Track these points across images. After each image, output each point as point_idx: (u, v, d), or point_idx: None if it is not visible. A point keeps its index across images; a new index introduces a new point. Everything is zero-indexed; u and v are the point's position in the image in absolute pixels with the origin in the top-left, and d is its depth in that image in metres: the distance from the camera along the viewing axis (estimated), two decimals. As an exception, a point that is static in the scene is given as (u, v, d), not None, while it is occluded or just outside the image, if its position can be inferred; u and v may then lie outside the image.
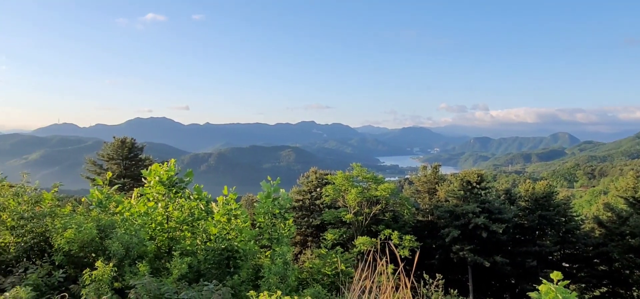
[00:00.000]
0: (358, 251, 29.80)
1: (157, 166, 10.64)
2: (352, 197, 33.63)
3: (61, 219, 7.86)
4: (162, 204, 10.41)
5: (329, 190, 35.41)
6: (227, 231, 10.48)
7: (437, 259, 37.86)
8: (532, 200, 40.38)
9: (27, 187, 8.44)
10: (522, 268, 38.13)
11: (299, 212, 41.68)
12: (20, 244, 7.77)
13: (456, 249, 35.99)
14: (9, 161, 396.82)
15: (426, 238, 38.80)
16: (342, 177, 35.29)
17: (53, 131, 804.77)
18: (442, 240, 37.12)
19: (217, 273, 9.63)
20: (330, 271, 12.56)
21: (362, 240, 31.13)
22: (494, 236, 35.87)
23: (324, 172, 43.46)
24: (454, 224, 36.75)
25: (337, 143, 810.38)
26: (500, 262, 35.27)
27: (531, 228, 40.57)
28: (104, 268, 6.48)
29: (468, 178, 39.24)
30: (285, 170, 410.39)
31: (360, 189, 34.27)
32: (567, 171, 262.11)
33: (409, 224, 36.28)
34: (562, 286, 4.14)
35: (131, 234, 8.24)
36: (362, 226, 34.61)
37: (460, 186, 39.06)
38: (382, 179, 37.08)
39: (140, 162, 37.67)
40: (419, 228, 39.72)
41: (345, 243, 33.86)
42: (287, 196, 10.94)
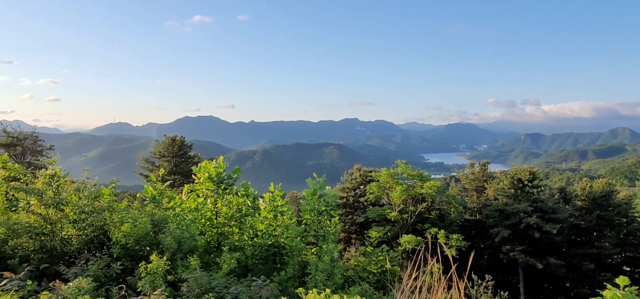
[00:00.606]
0: (403, 250, 29.37)
1: (206, 163, 10.93)
2: (396, 194, 33.18)
3: (118, 213, 8.25)
4: (211, 200, 10.69)
5: (373, 187, 35.12)
6: (273, 227, 10.60)
7: (486, 260, 36.64)
8: (590, 199, 38.18)
9: (87, 183, 8.91)
10: (578, 271, 36.17)
11: (342, 209, 41.62)
12: (82, 237, 8.23)
13: (506, 249, 34.69)
14: (70, 158, 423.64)
15: (474, 238, 37.67)
16: (387, 174, 34.88)
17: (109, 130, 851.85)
18: (491, 240, 35.92)
19: (264, 269, 9.76)
20: (376, 269, 12.42)
21: (407, 238, 30.65)
22: (547, 237, 34.28)
23: (368, 169, 43.14)
24: (503, 223, 35.48)
25: (380, 140, 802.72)
26: (554, 264, 33.67)
27: (588, 229, 38.38)
28: (158, 261, 6.72)
29: (519, 176, 37.66)
30: (328, 167, 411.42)
31: (405, 187, 33.74)
32: (628, 169, 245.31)
33: (455, 223, 35.34)
34: (630, 292, 3.83)
35: (183, 229, 8.51)
36: (407, 224, 34.07)
37: (511, 184, 37.56)
38: (427, 176, 36.30)
39: (189, 159, 39.00)
40: (467, 227, 38.59)
41: (389, 241, 33.46)
42: (333, 193, 10.90)
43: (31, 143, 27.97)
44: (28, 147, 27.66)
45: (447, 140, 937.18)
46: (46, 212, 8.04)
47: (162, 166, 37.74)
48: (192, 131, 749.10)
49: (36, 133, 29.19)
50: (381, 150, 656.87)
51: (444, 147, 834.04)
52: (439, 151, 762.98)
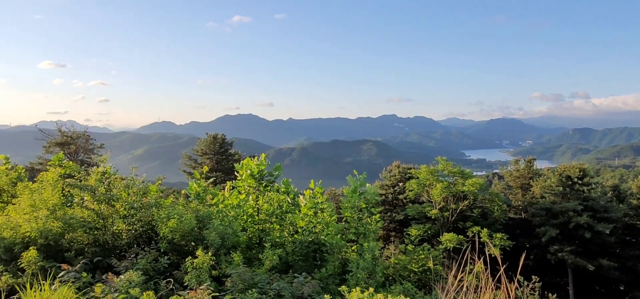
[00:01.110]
0: (444, 248, 28.75)
1: (248, 160, 11.12)
2: (437, 192, 32.51)
3: (165, 209, 8.54)
4: (252, 197, 10.86)
5: (412, 185, 34.58)
6: (313, 224, 10.64)
7: (532, 260, 35.25)
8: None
9: (136, 180, 9.28)
10: (633, 273, 34.13)
11: (381, 206, 41.25)
12: (131, 232, 8.59)
13: (554, 249, 33.22)
14: (119, 156, 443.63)
15: (519, 237, 36.29)
16: (427, 171, 34.23)
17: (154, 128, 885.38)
18: (538, 240, 34.52)
19: (304, 265, 9.82)
20: (418, 268, 12.21)
21: (448, 237, 29.99)
22: (598, 237, 32.54)
23: (407, 166, 42.52)
24: (551, 222, 33.99)
25: (419, 136, 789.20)
26: (607, 266, 31.93)
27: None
28: (204, 256, 6.90)
29: (568, 173, 35.95)
30: (366, 164, 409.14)
31: (445, 184, 32.99)
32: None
33: (499, 222, 34.23)
34: None
35: (226, 225, 8.70)
36: (448, 222, 33.33)
37: (559, 181, 35.91)
38: (469, 173, 35.31)
39: (230, 156, 39.86)
40: (511, 225, 37.25)
41: (430, 239, 32.86)
42: (373, 191, 10.80)
43: (83, 142, 29.47)
44: (81, 146, 29.18)
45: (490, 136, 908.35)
46: (98, 208, 8.45)
47: (204, 163, 38.79)
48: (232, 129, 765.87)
49: (88, 132, 30.73)
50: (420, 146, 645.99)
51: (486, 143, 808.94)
52: (480, 147, 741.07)
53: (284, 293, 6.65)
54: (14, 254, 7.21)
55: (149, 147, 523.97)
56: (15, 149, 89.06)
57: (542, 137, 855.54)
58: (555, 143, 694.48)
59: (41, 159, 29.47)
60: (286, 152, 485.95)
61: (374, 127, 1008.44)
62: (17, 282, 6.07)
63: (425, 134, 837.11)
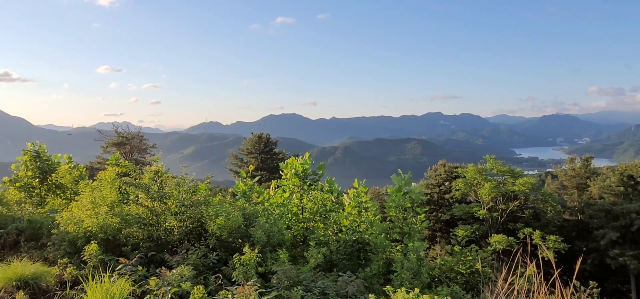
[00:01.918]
0: (493, 250, 27.80)
1: (293, 159, 11.28)
2: (485, 192, 31.51)
3: (213, 207, 8.83)
4: (296, 195, 11.00)
5: (459, 184, 33.70)
6: (357, 223, 10.62)
7: (589, 264, 33.38)
8: None
9: (186, 179, 9.65)
10: None
11: (427, 206, 40.48)
12: (182, 228, 8.94)
13: (614, 254, 31.32)
14: (169, 155, 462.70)
15: (575, 240, 34.51)
16: (474, 170, 33.25)
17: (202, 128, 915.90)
18: (596, 243, 32.68)
19: (348, 264, 9.82)
20: (465, 269, 11.88)
21: (497, 238, 28.99)
22: (665, 242, 30.32)
23: (453, 165, 41.47)
24: (611, 225, 32.10)
25: (466, 134, 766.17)
26: (675, 273, 29.67)
27: None
28: (251, 253, 7.07)
29: (630, 172, 33.81)
30: (410, 163, 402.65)
31: (494, 184, 31.92)
32: None
33: (553, 223, 32.73)
34: None
35: (271, 223, 8.87)
36: (497, 223, 32.21)
37: (620, 181, 33.81)
38: (520, 172, 33.99)
39: (275, 155, 40.56)
40: (566, 227, 35.47)
41: (477, 241, 31.88)
42: (418, 190, 10.63)
43: (137, 142, 31.06)
44: (135, 146, 30.78)
45: (542, 133, 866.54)
46: (152, 205, 8.86)
47: (249, 162, 39.71)
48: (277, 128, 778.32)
49: (141, 133, 32.34)
50: (467, 145, 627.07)
51: (538, 141, 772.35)
52: (532, 145, 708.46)
53: (329, 291, 6.69)
54: (77, 248, 7.75)
55: (197, 146, 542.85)
56: (77, 150, 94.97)
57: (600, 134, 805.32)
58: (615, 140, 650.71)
59: (100, 158, 31.36)
60: (330, 151, 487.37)
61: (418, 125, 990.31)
62: (80, 273, 6.51)
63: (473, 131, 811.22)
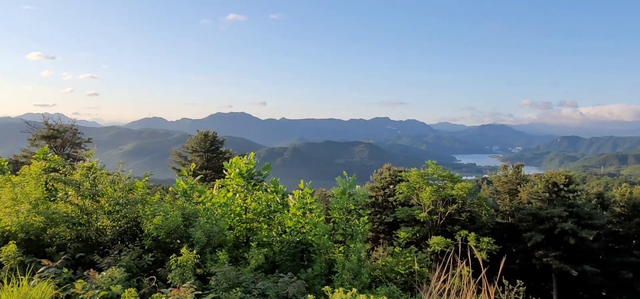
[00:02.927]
0: (432, 251, 28.91)
1: (237, 158, 11.08)
2: (426, 195, 32.67)
3: (151, 206, 8.46)
4: (240, 195, 10.82)
5: (402, 187, 34.71)
6: (302, 224, 10.64)
7: (518, 265, 35.60)
8: (629, 206, 36.46)
9: (122, 176, 9.18)
10: (615, 279, 34.64)
11: (371, 209, 41.33)
12: (116, 228, 8.50)
13: (539, 255, 33.62)
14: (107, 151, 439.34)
15: (506, 242, 36.64)
16: (417, 174, 34.38)
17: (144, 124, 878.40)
18: (524, 244, 34.89)
19: (291, 265, 9.81)
20: (404, 270, 12.27)
21: (436, 240, 30.15)
22: (583, 243, 32.99)
23: (398, 169, 42.68)
24: (537, 228, 34.39)
25: (411, 140, 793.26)
26: (590, 272, 32.40)
27: (627, 237, 36.68)
28: (188, 254, 6.85)
29: (554, 179, 36.40)
30: (358, 166, 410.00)
31: (435, 188, 33.18)
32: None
33: (487, 226, 34.50)
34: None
35: (212, 223, 8.65)
36: (437, 225, 33.52)
37: (545, 187, 36.33)
38: (458, 177, 35.57)
39: (221, 154, 39.67)
40: (498, 230, 37.60)
41: (418, 242, 33.01)
42: (363, 193, 10.83)
43: (70, 136, 29.11)
44: (67, 140, 28.82)
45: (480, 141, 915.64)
46: (83, 203, 8.34)
47: (194, 160, 38.55)
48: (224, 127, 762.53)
49: (75, 126, 30.35)
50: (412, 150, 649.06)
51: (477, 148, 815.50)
52: (471, 152, 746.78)
53: (269, 292, 6.63)
54: (-7, 249, 7.11)
55: (138, 143, 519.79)
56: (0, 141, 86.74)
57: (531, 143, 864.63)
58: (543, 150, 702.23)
59: (26, 152, 29.06)
60: (278, 152, 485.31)
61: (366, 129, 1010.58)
62: (-4, 276, 5.98)
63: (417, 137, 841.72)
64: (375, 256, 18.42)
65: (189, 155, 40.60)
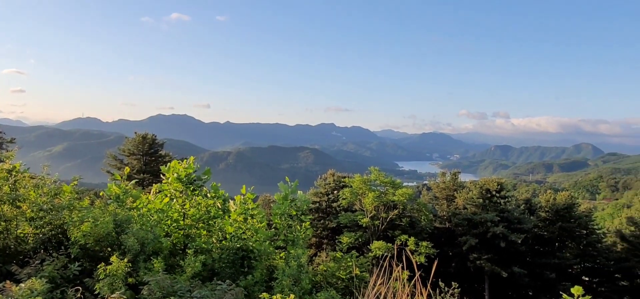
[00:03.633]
0: (373, 256, 29.51)
1: (176, 162, 10.68)
2: (369, 201, 33.36)
3: (79, 212, 7.94)
4: (179, 201, 10.44)
5: (346, 193, 35.19)
6: (243, 230, 10.45)
7: (454, 268, 37.24)
8: (553, 211, 39.41)
9: (47, 179, 8.55)
10: (540, 280, 37.22)
11: (315, 214, 41.56)
12: (39, 236, 7.87)
13: (473, 258, 35.35)
14: (33, 152, 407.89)
15: (443, 245, 38.22)
16: (360, 180, 35.03)
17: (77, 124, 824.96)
18: (460, 248, 36.53)
19: (231, 273, 9.60)
20: (345, 275, 12.41)
21: (377, 245, 30.84)
22: (512, 246, 35.12)
23: (342, 175, 43.26)
24: (472, 232, 36.13)
25: (356, 146, 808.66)
26: (518, 273, 34.51)
27: (551, 240, 39.59)
28: (119, 263, 6.49)
29: (487, 186, 38.54)
30: (303, 171, 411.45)
31: (377, 193, 33.96)
32: (590, 183, 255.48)
33: (426, 231, 35.77)
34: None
35: (147, 230, 8.27)
36: (379, 230, 34.30)
37: (479, 194, 38.38)
38: (400, 184, 36.67)
39: (160, 158, 38.14)
40: (436, 234, 39.15)
41: (360, 247, 33.59)
42: (305, 198, 10.83)
43: (-10, 135, 26.76)
44: (-13, 140, 26.46)
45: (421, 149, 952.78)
46: (1, 209, 7.66)
47: (130, 164, 36.76)
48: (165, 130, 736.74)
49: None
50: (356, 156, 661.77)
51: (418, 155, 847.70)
52: (413, 159, 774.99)
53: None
54: None
55: (69, 144, 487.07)
56: None
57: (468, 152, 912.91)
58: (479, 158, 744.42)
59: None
60: (222, 156, 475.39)
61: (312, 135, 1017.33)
62: None
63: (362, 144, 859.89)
64: (318, 262, 18.51)
65: (125, 158, 38.65)
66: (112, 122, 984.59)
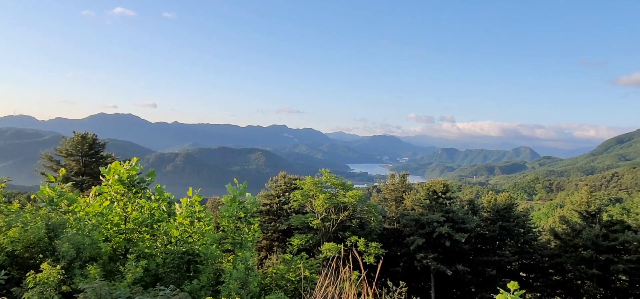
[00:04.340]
0: (324, 258, 29.67)
1: (117, 163, 10.17)
2: (319, 203, 33.50)
3: (6, 216, 7.35)
4: (120, 204, 9.95)
5: (297, 195, 35.15)
6: (189, 233, 10.15)
7: (402, 267, 38.18)
8: (494, 211, 41.42)
9: (-31, 182, 7.86)
10: (482, 276, 38.98)
11: (266, 216, 41.19)
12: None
13: (420, 257, 36.37)
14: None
15: (392, 246, 39.10)
16: (311, 182, 35.12)
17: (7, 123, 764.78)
18: (407, 248, 37.44)
19: (176, 277, 9.29)
20: (294, 277, 12.37)
21: (328, 246, 31.02)
22: (456, 245, 36.49)
23: (293, 176, 43.19)
24: (419, 232, 37.11)
25: (308, 148, 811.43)
26: (462, 271, 35.88)
27: (492, 238, 41.56)
28: (50, 270, 6.07)
29: (434, 188, 39.85)
30: (254, 173, 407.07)
31: (328, 195, 34.17)
32: (527, 184, 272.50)
33: (375, 232, 36.38)
34: (518, 296, 4.16)
35: (84, 234, 7.81)
36: (329, 232, 34.53)
37: (426, 195, 39.62)
38: (350, 185, 37.13)
39: (102, 159, 36.24)
40: (385, 235, 39.95)
41: (311, 249, 33.68)
42: (253, 200, 10.68)
43: None
44: None
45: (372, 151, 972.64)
46: None
47: (68, 165, 34.66)
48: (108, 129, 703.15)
49: None
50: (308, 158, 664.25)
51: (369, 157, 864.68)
52: (364, 161, 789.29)
53: (147, 307, 6.17)
54: None
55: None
56: None
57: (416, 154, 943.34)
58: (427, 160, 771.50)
59: None
60: (169, 158, 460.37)
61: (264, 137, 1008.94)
62: None
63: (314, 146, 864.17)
64: (268, 264, 18.35)
65: (62, 159, 36.38)
66: (49, 120, 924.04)
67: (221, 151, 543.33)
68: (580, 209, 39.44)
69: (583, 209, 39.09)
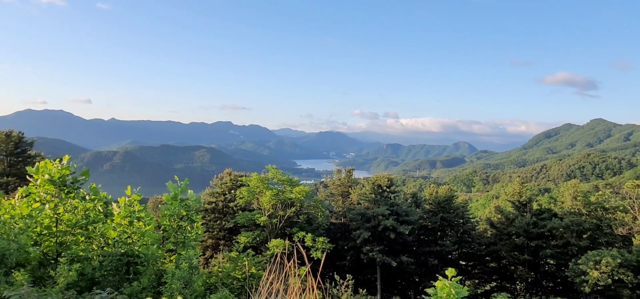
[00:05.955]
0: (271, 254, 29.54)
1: (47, 162, 9.51)
2: (266, 199, 33.28)
3: None
4: (50, 205, 9.32)
5: (243, 192, 34.68)
6: (128, 234, 9.73)
7: (349, 260, 38.86)
8: (435, 203, 43.27)
9: None
10: (425, 266, 40.64)
11: (212, 214, 40.30)
12: None
13: (366, 250, 37.18)
14: None
15: (339, 240, 39.66)
16: (257, 179, 34.79)
17: None
18: (354, 242, 38.15)
19: (114, 281, 8.88)
20: (241, 274, 12.23)
21: (275, 243, 30.92)
22: (401, 237, 37.70)
23: (239, 173, 42.56)
24: (365, 226, 37.89)
25: (254, 145, 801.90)
26: (406, 262, 37.16)
27: (434, 229, 43.44)
28: (-31, 278, 5.57)
29: (379, 182, 40.91)
30: (199, 171, 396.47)
31: (275, 192, 34.02)
32: (466, 177, 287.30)
33: (322, 227, 36.72)
34: (456, 281, 4.38)
35: (9, 239, 7.24)
36: (276, 228, 34.41)
37: (372, 189, 40.59)
38: (297, 181, 37.20)
39: (30, 158, 33.68)
40: (332, 230, 40.46)
41: (258, 246, 33.40)
42: (196, 197, 10.42)
43: None
44: None
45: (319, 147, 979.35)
46: None
47: (-8, 165, 31.91)
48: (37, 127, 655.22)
49: None
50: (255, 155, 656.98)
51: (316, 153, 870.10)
52: (310, 157, 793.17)
53: (81, 313, 5.84)
54: None
55: None
56: None
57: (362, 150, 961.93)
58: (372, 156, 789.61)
59: None
60: (106, 156, 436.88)
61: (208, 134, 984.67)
62: None
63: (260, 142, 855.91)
64: (214, 263, 17.99)
65: (-16, 159, 33.42)
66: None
67: (163, 149, 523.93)
68: (513, 199, 42.20)
69: (516, 200, 41.85)
